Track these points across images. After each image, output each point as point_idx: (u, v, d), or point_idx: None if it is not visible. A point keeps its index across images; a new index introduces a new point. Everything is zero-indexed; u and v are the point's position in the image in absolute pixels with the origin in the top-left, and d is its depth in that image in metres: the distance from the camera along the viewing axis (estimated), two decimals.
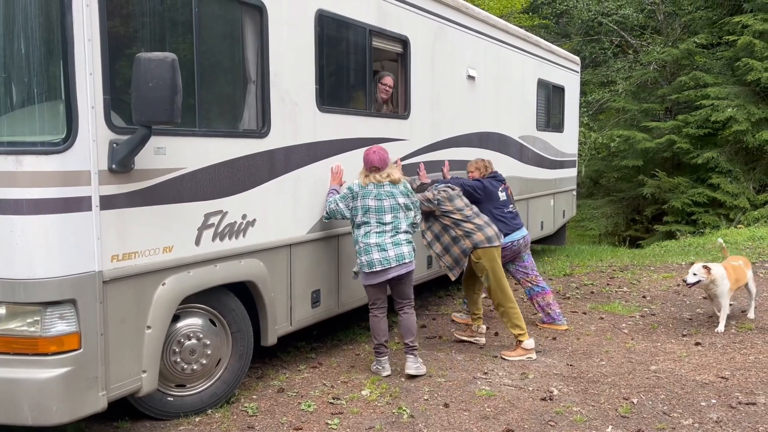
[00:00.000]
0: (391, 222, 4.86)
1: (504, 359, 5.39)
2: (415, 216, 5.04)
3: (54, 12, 3.24)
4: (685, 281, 6.12)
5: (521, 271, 6.41)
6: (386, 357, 5.06)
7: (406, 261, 4.87)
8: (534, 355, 5.43)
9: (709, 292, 6.18)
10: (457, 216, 5.48)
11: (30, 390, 3.28)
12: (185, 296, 3.94)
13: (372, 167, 4.92)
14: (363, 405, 4.45)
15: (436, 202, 5.47)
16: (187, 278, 3.93)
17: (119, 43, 3.53)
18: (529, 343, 5.42)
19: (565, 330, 6.30)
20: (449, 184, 5.80)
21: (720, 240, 7.18)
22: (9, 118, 3.39)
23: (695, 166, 15.94)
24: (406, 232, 4.94)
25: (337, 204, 4.91)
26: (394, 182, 4.92)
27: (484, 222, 5.56)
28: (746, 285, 6.42)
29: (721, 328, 6.11)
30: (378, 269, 4.81)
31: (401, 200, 4.92)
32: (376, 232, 4.84)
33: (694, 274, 6.01)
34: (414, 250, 4.99)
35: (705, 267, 6.02)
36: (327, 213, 4.99)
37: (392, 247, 4.82)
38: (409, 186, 5.07)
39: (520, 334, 5.43)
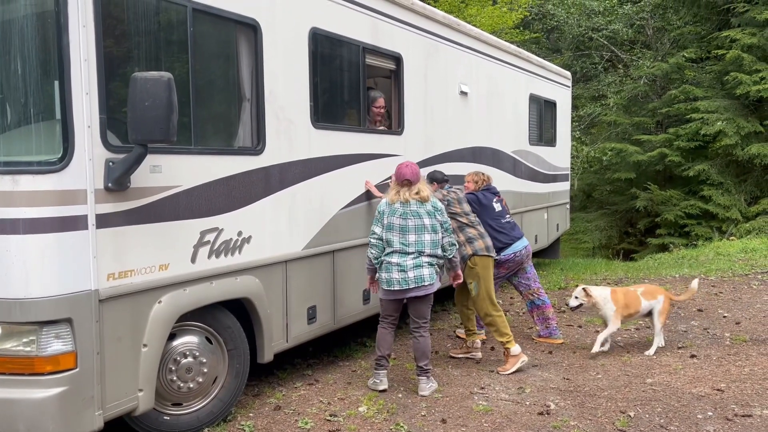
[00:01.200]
0: (414, 243, 4.80)
1: (501, 375, 5.40)
2: (443, 238, 4.92)
3: (51, 33, 3.27)
4: (567, 305, 6.04)
5: (524, 283, 6.42)
6: (385, 371, 5.05)
7: (426, 283, 4.82)
8: (526, 358, 5.52)
9: (599, 314, 5.98)
10: (463, 220, 5.56)
11: (26, 410, 3.26)
12: (181, 314, 3.93)
13: (404, 180, 4.87)
14: (360, 422, 4.43)
15: (446, 202, 5.50)
16: (183, 296, 3.93)
17: (115, 63, 3.56)
18: (516, 348, 5.50)
19: (560, 343, 6.31)
20: (458, 187, 5.87)
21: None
22: (5, 138, 3.41)
23: (687, 178, 16.05)
24: (430, 255, 4.84)
25: (374, 231, 4.89)
26: (422, 200, 4.85)
27: (484, 230, 5.70)
28: (650, 316, 6.02)
29: (596, 347, 5.82)
30: (396, 288, 4.81)
31: (426, 221, 4.83)
32: (399, 252, 4.81)
33: (576, 297, 5.92)
34: (436, 273, 4.90)
35: (585, 290, 5.91)
36: (372, 252, 4.88)
37: (412, 268, 4.78)
38: (439, 205, 4.96)
39: (507, 342, 5.50)
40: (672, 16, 19.03)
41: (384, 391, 4.98)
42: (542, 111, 10.05)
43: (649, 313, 6.00)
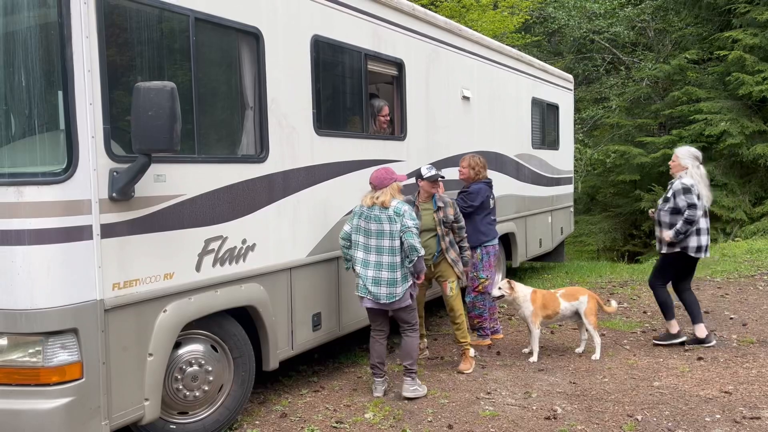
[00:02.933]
0: (375, 248, 4.81)
1: (463, 374, 5.53)
2: (403, 245, 4.77)
3: (54, 44, 3.28)
4: (489, 293, 6.17)
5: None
6: (381, 379, 5.06)
7: (382, 302, 4.83)
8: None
9: (517, 312, 5.92)
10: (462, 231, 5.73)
11: (32, 421, 3.26)
12: (186, 322, 3.93)
13: (370, 184, 4.94)
14: (366, 428, 4.42)
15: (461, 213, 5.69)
16: (188, 304, 3.93)
17: (118, 73, 3.57)
18: (472, 350, 5.74)
19: (488, 345, 6.51)
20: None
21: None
22: (10, 149, 3.42)
23: None
24: (390, 266, 4.77)
25: (344, 228, 4.98)
26: (383, 206, 4.81)
27: None
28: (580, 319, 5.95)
29: (534, 357, 5.83)
30: (360, 295, 4.91)
31: (386, 226, 4.78)
32: (362, 259, 4.86)
33: (499, 288, 5.93)
34: (397, 292, 4.78)
35: (509, 282, 5.88)
36: (341, 240, 5.00)
37: (372, 284, 4.80)
38: (401, 209, 4.78)
39: (468, 344, 5.70)
40: (673, 18, 19.01)
41: (377, 397, 5.00)
42: (545, 114, 10.04)
43: (578, 316, 5.95)
